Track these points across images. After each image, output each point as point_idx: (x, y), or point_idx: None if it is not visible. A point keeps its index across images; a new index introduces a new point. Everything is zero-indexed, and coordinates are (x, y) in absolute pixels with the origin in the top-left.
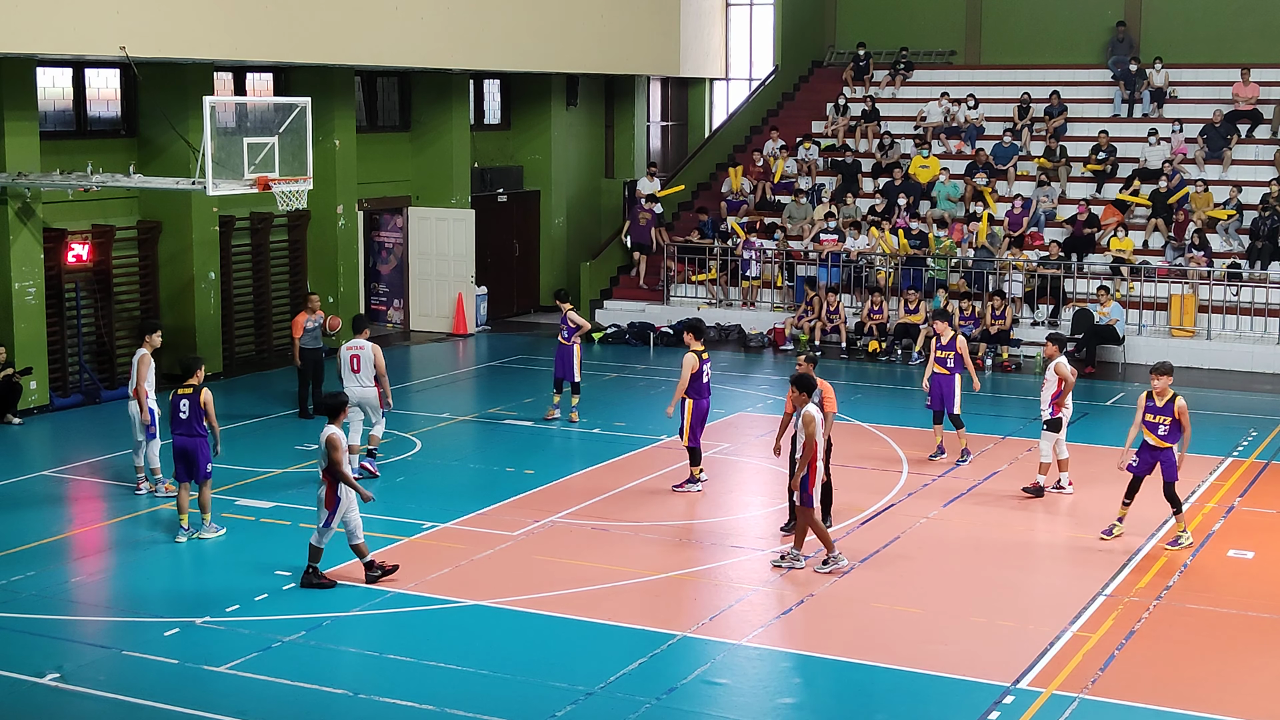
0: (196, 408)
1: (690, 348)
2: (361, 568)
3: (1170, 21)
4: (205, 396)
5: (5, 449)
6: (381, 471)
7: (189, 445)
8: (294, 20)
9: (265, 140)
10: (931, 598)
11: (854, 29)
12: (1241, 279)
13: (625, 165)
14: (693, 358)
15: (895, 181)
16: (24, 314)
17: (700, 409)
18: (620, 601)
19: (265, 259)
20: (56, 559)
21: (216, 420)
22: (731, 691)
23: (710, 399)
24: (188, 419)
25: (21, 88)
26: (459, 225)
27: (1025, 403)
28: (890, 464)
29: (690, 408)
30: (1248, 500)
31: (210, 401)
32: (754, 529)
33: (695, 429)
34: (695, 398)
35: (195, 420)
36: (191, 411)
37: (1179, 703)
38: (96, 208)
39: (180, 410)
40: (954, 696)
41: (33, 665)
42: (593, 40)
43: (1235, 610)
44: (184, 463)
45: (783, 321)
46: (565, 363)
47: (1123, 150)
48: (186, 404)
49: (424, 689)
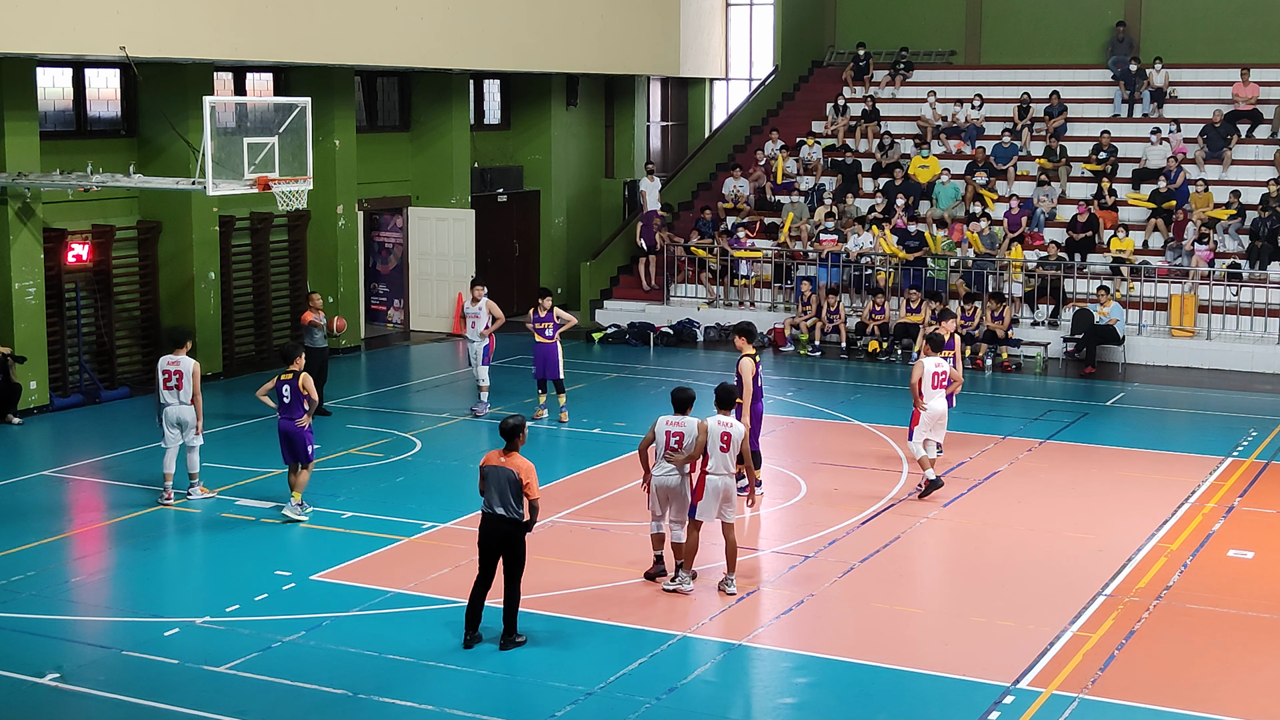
0: (297, 392)
1: (743, 352)
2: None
3: (1170, 21)
4: (305, 380)
5: (5, 449)
6: (381, 471)
7: (291, 430)
8: (294, 20)
9: (265, 140)
10: (931, 598)
11: (854, 29)
12: (1241, 279)
13: (625, 165)
14: (750, 362)
15: (895, 181)
16: (24, 314)
17: (756, 412)
18: (620, 601)
19: (265, 259)
20: (56, 559)
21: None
22: (731, 691)
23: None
24: (290, 404)
25: (21, 88)
26: (459, 225)
27: (1025, 403)
28: (890, 464)
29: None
30: (1248, 500)
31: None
32: (754, 529)
33: (755, 432)
34: (752, 402)
35: (296, 405)
36: (293, 396)
37: (1179, 703)
38: (96, 208)
39: (284, 395)
40: (954, 696)
41: (33, 665)
42: (593, 40)
43: (1235, 610)
44: (288, 446)
45: (782, 321)
46: (548, 361)
47: (1123, 150)
48: (288, 389)
49: (424, 689)
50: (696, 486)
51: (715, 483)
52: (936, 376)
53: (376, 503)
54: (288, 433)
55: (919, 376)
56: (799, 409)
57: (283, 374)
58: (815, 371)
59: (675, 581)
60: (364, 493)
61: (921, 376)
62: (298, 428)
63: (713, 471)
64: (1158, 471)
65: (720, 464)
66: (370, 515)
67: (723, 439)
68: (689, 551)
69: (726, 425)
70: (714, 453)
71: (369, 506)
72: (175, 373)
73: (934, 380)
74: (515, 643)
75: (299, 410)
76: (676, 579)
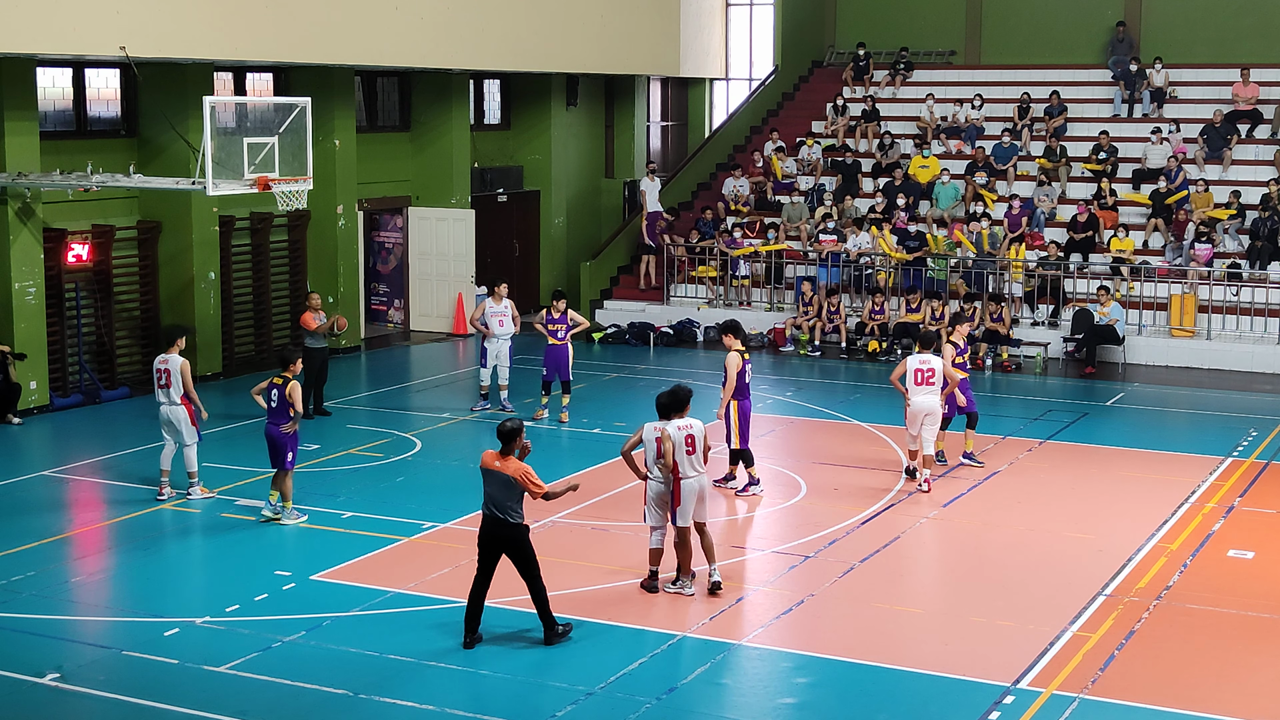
0: (284, 399)
1: (731, 349)
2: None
3: (1170, 21)
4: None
5: (5, 449)
6: (381, 471)
7: (274, 434)
8: (294, 20)
9: (265, 140)
10: (931, 598)
11: (854, 29)
12: (1241, 279)
13: (625, 165)
14: (736, 358)
15: (895, 181)
16: (24, 314)
17: (744, 410)
18: (620, 601)
19: (265, 259)
20: (56, 559)
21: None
22: (731, 691)
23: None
24: (277, 408)
25: (21, 88)
26: (459, 225)
27: (1025, 403)
28: (890, 464)
29: (735, 409)
30: (1248, 500)
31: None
32: (754, 529)
33: (744, 431)
34: (739, 399)
35: (282, 410)
36: (280, 402)
37: (1179, 703)
38: (96, 208)
39: (272, 399)
40: (954, 696)
41: (33, 665)
42: (593, 40)
43: (1235, 610)
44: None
45: (783, 321)
46: (558, 363)
47: (1123, 150)
48: (277, 394)
49: (424, 689)
50: (674, 492)
51: (690, 485)
52: (920, 373)
53: (376, 503)
54: (270, 437)
55: (900, 373)
56: (799, 409)
57: (275, 377)
58: (815, 371)
59: (676, 585)
60: (364, 493)
61: (904, 373)
62: (281, 434)
63: (683, 476)
64: (1158, 471)
65: (689, 466)
66: (370, 515)
67: (687, 441)
68: (685, 557)
69: (687, 428)
70: (680, 457)
71: (369, 506)
72: (164, 371)
73: (916, 376)
74: (559, 635)
75: (284, 416)
76: (678, 583)
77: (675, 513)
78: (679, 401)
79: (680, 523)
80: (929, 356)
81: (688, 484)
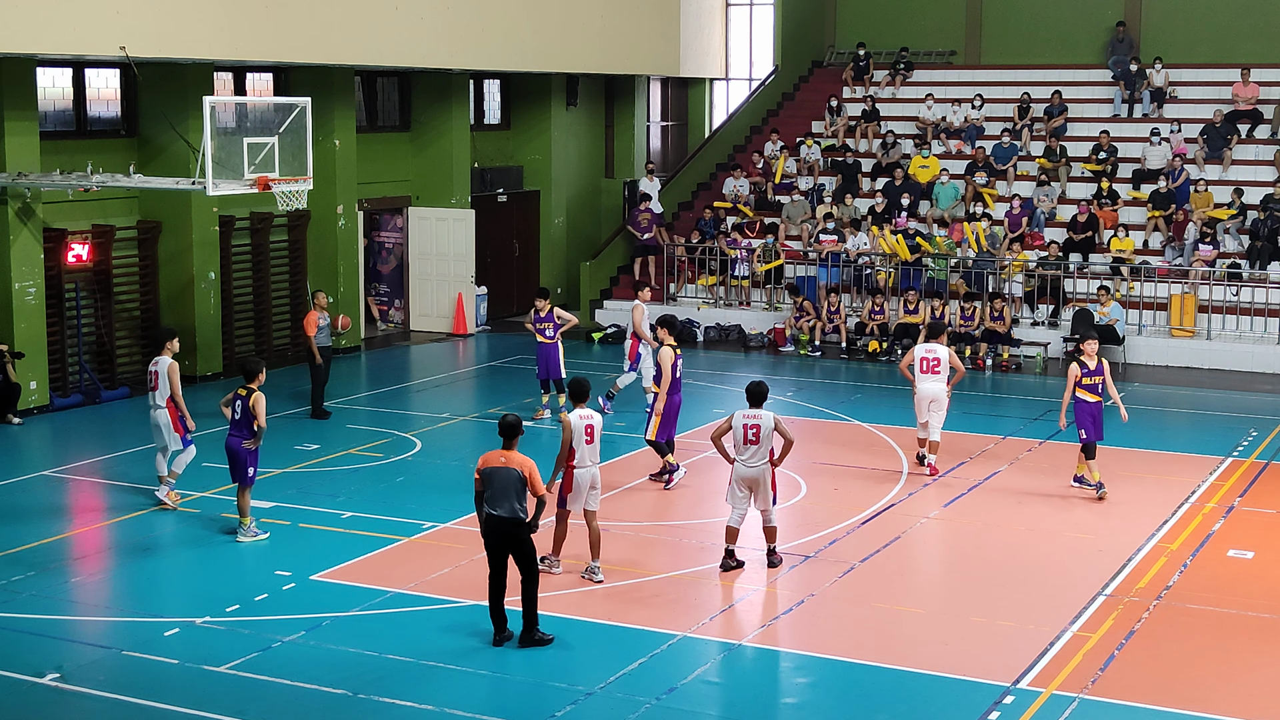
0: (248, 411)
1: (665, 343)
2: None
3: (1170, 21)
4: (256, 401)
5: (5, 449)
6: (381, 471)
7: (234, 448)
8: (294, 20)
9: (265, 140)
10: (931, 598)
11: (854, 29)
12: (1241, 279)
13: (625, 165)
14: (669, 352)
15: (895, 181)
16: (24, 314)
17: (672, 405)
18: (620, 601)
19: (265, 259)
20: (56, 559)
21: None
22: (731, 691)
23: (681, 395)
24: (240, 420)
25: (21, 88)
26: (459, 225)
27: (1025, 403)
28: (890, 464)
29: (661, 403)
30: (1248, 500)
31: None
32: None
33: (665, 425)
34: (670, 393)
35: (245, 423)
36: (243, 414)
37: (1179, 703)
38: (96, 208)
39: (235, 411)
40: (954, 696)
41: (33, 665)
42: (593, 40)
43: (1235, 610)
44: (230, 464)
45: (783, 322)
46: (550, 361)
47: (1123, 150)
48: (240, 406)
49: (424, 689)
50: (565, 479)
51: (583, 475)
52: (925, 361)
53: (376, 503)
54: (231, 450)
55: (909, 361)
56: (799, 409)
57: (239, 389)
58: (815, 371)
59: (545, 563)
60: (364, 493)
61: (911, 362)
62: (242, 448)
63: (579, 465)
64: (1158, 471)
65: (586, 456)
66: (370, 515)
67: (587, 431)
68: (561, 536)
69: (588, 418)
70: (579, 446)
71: (369, 506)
72: (154, 373)
73: (922, 364)
74: (537, 641)
75: (247, 430)
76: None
77: (564, 498)
78: (583, 390)
79: (569, 507)
80: (935, 345)
81: (580, 474)
